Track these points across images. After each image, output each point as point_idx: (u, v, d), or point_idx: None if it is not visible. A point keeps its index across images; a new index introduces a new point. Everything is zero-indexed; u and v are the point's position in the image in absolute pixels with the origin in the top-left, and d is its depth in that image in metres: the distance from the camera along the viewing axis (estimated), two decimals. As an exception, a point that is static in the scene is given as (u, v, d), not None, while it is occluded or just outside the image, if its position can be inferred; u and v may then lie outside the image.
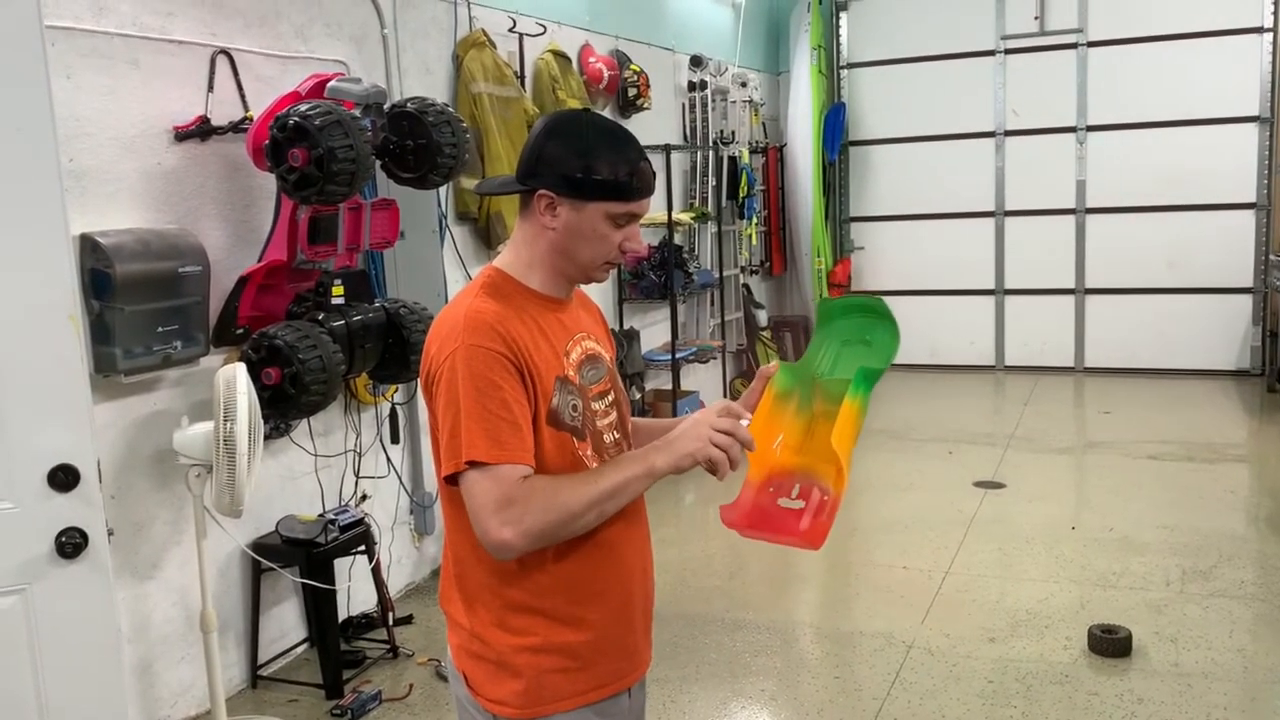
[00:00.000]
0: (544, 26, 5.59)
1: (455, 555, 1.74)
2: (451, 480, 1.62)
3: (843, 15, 9.39)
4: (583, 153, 1.65)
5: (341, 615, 4.08)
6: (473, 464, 1.57)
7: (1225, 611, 4.17)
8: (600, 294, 6.37)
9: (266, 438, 3.59)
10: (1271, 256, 8.09)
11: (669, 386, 6.79)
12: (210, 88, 3.61)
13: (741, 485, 1.73)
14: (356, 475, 4.31)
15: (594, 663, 1.73)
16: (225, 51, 3.68)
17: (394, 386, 4.37)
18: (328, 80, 3.66)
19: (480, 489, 1.57)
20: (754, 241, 8.48)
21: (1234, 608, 4.21)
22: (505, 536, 1.56)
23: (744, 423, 1.65)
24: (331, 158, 3.27)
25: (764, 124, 8.77)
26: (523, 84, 5.37)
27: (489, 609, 1.70)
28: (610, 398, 1.81)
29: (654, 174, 1.73)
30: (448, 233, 4.83)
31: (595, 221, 1.67)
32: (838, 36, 9.40)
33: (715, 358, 7.43)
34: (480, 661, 1.72)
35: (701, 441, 1.60)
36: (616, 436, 1.79)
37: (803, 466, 1.72)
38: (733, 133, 7.82)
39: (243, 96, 3.73)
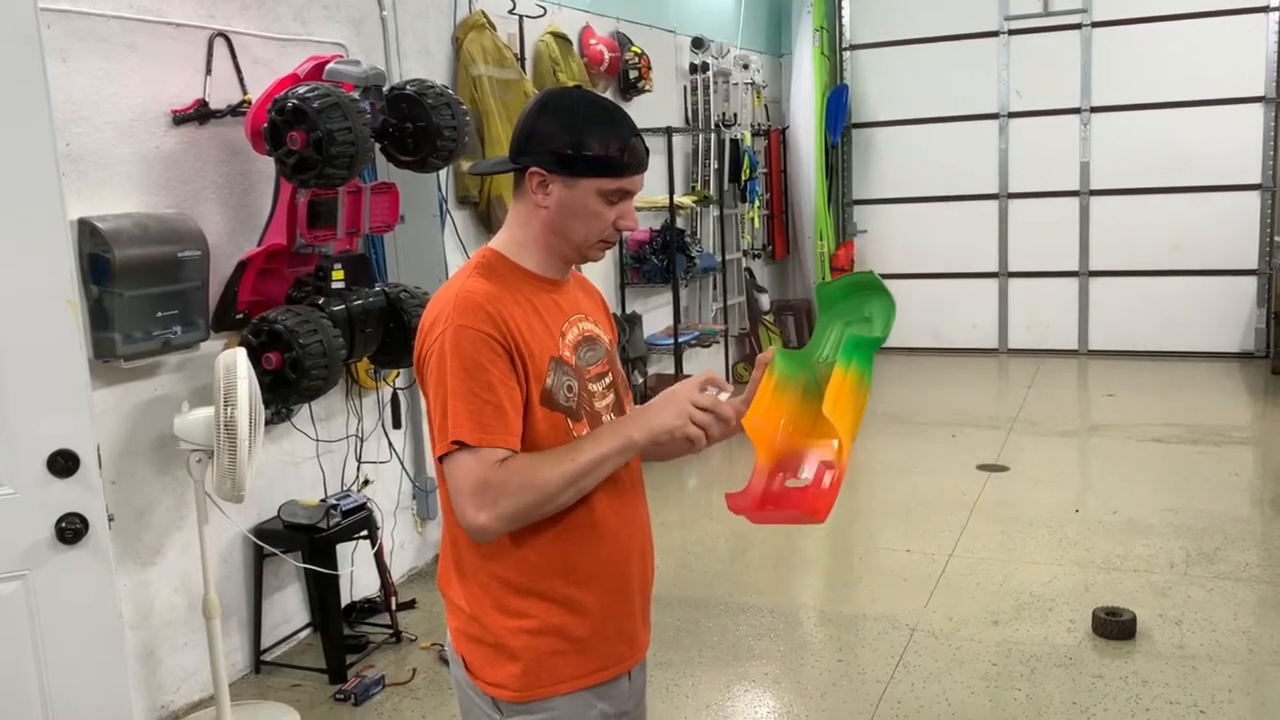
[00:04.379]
0: (544, 8, 5.55)
1: (453, 538, 1.73)
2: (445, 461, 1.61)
3: (845, -4, 9.34)
4: (573, 129, 1.63)
5: (344, 600, 4.08)
6: (458, 445, 1.56)
7: (1230, 594, 4.17)
8: (602, 278, 6.35)
9: (268, 423, 3.57)
10: (1276, 238, 8.06)
11: (671, 371, 6.77)
12: (208, 70, 3.59)
13: (751, 473, 1.71)
14: (358, 460, 4.30)
15: (593, 646, 1.72)
16: (223, 34, 3.65)
17: (395, 371, 4.36)
18: (326, 62, 3.63)
19: (461, 471, 1.57)
20: (756, 225, 8.45)
21: (1238, 590, 4.21)
22: (481, 521, 1.56)
23: (723, 396, 1.65)
24: (330, 141, 3.25)
25: (766, 106, 8.73)
26: (523, 66, 5.33)
27: (487, 591, 1.69)
28: (608, 380, 1.79)
29: (647, 150, 1.71)
30: (448, 216, 4.81)
31: (588, 198, 1.66)
32: (840, 18, 9.34)
33: (717, 342, 7.41)
34: (478, 644, 1.71)
35: (682, 418, 1.60)
36: (614, 419, 1.78)
37: (810, 448, 1.71)
38: (735, 115, 7.78)
39: (241, 79, 3.70)
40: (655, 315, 6.98)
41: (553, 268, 1.74)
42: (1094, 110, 8.60)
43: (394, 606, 4.13)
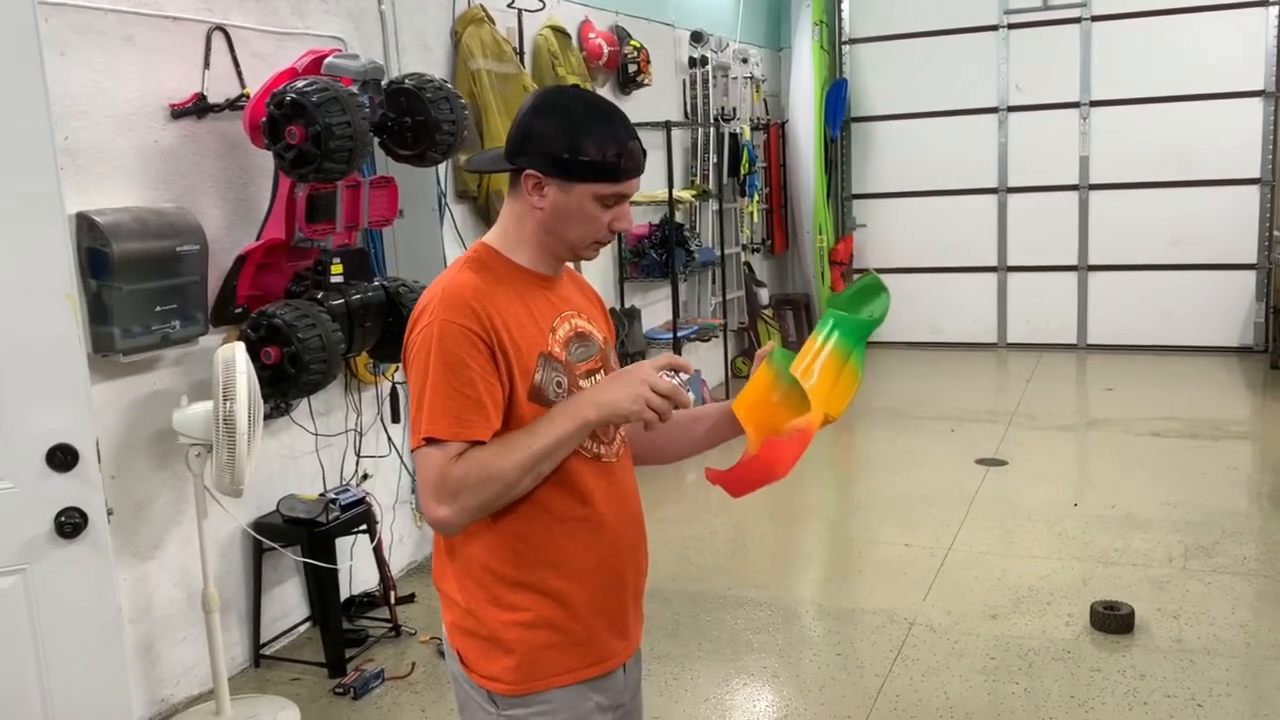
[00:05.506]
0: (543, 2, 5.53)
1: None
2: None
3: (844, -10, 9.32)
4: (570, 132, 1.62)
5: (343, 594, 4.09)
6: (431, 440, 1.57)
7: (1227, 587, 4.17)
8: (601, 272, 6.35)
9: (267, 417, 3.58)
10: (1275, 232, 8.06)
11: (670, 365, 6.76)
12: (206, 64, 3.58)
13: (741, 457, 1.71)
14: (357, 454, 4.30)
15: (586, 639, 1.72)
16: (221, 28, 3.64)
17: (394, 365, 4.36)
18: (324, 57, 3.63)
19: (427, 465, 1.57)
20: (755, 219, 8.44)
21: (1236, 584, 4.21)
22: (442, 514, 1.57)
23: (683, 378, 1.64)
24: (329, 135, 3.25)
25: (765, 100, 8.72)
26: (522, 60, 5.33)
27: (481, 584, 1.69)
28: (599, 377, 1.78)
29: (644, 153, 1.70)
30: (447, 211, 4.81)
31: (583, 202, 1.65)
32: (839, 11, 9.32)
33: (717, 336, 7.41)
34: (472, 638, 1.71)
35: (639, 403, 1.59)
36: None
37: (793, 423, 1.71)
38: (734, 109, 7.77)
39: (239, 73, 3.70)
40: (654, 309, 6.97)
41: (546, 264, 1.74)
42: (1093, 104, 8.59)
43: (393, 600, 4.13)
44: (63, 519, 2.10)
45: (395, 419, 4.51)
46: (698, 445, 1.92)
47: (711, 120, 7.48)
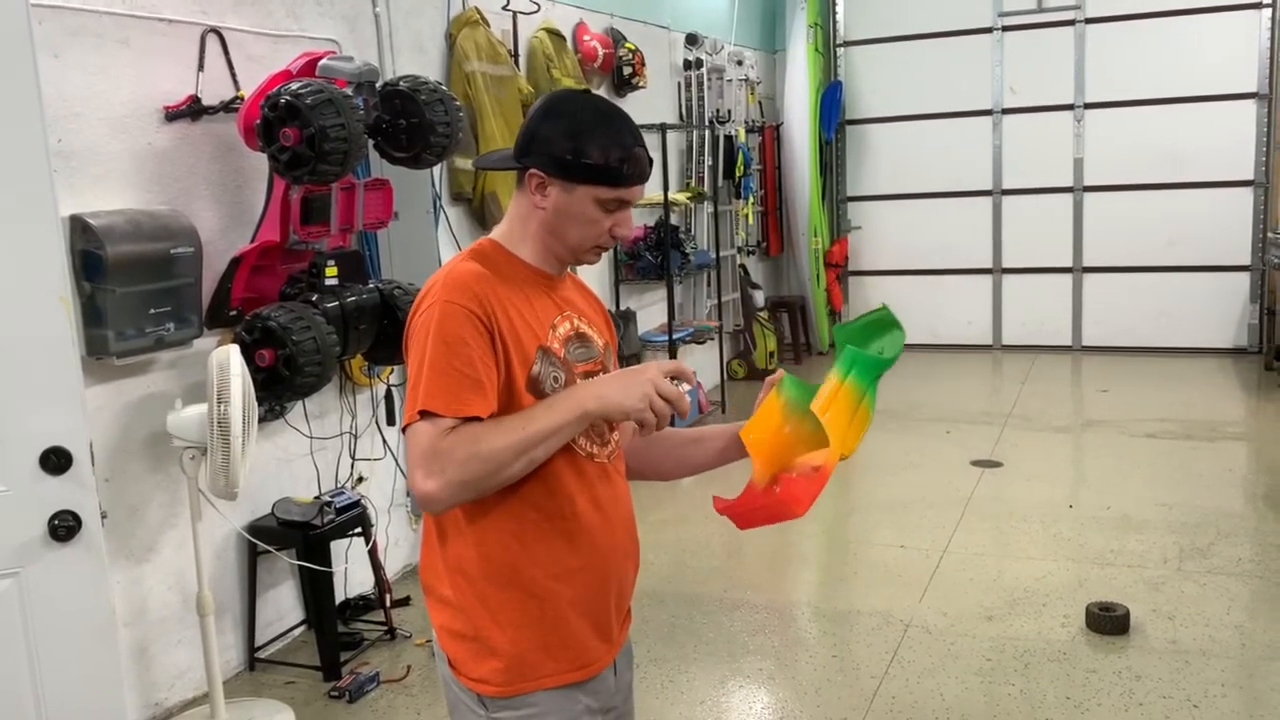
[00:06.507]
0: (538, 4, 5.54)
1: (439, 526, 1.72)
2: None
3: (839, -8, 9.34)
4: (575, 134, 1.63)
5: (339, 597, 4.08)
6: (425, 415, 1.55)
7: (1223, 589, 4.18)
8: (597, 275, 6.35)
9: (261, 420, 3.58)
10: (1269, 234, 8.08)
11: (666, 367, 6.76)
12: (201, 67, 3.58)
13: (746, 485, 1.70)
14: (352, 457, 4.29)
15: (571, 641, 1.71)
16: (216, 30, 3.64)
17: (389, 368, 4.35)
18: (319, 59, 3.62)
19: (419, 438, 1.54)
20: (751, 221, 8.45)
21: (1231, 585, 4.22)
22: (429, 488, 1.52)
23: (685, 388, 1.64)
24: (323, 137, 3.25)
25: (760, 103, 8.73)
26: (517, 63, 5.33)
27: (471, 583, 1.69)
28: None
29: (650, 160, 1.71)
30: (442, 213, 4.81)
31: (584, 205, 1.66)
32: (834, 14, 9.34)
33: (712, 338, 7.41)
34: (461, 640, 1.71)
35: (644, 402, 1.57)
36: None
37: (805, 459, 1.70)
38: (729, 112, 7.78)
39: (234, 75, 3.69)
40: (650, 312, 6.97)
41: (549, 264, 1.75)
42: (1088, 106, 8.61)
43: (388, 603, 4.13)
44: (56, 522, 2.09)
45: (390, 421, 4.50)
46: (700, 466, 1.91)
47: (707, 123, 7.49)
